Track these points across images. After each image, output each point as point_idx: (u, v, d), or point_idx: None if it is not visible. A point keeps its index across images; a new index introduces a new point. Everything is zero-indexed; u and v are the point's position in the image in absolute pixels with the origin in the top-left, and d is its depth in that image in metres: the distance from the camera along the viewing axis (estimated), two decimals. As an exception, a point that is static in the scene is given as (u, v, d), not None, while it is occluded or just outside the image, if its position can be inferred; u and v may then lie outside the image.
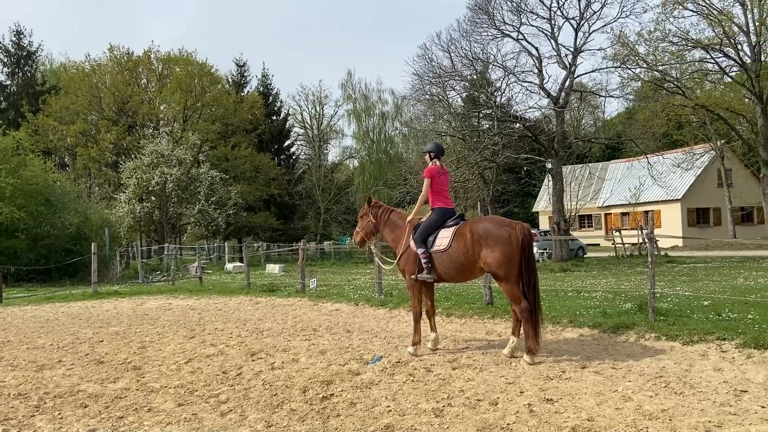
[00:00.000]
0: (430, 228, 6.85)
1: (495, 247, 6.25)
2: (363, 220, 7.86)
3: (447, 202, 7.04)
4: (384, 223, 7.56)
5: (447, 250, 6.60)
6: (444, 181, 7.14)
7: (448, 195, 7.19)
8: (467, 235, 6.48)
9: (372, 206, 7.74)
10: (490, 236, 6.31)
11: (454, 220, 6.86)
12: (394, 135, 62.25)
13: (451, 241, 6.60)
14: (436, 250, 6.70)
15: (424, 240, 6.80)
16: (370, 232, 7.81)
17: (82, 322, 11.00)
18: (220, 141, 41.52)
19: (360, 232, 7.89)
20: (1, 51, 41.99)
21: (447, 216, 6.90)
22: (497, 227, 6.38)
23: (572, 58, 24.96)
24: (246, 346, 7.81)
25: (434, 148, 7.31)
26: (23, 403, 5.43)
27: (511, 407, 4.74)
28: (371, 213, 7.70)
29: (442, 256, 6.65)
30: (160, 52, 42.29)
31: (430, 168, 7.09)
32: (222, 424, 4.66)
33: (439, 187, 7.05)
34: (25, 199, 22.80)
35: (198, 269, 20.44)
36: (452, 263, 6.59)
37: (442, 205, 6.97)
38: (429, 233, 6.82)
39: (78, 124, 38.33)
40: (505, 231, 6.31)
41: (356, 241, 8.03)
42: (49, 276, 22.76)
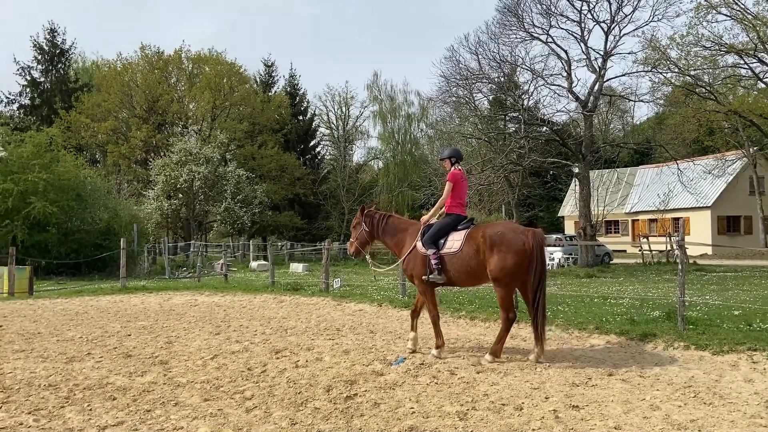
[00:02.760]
0: (441, 231, 6.82)
1: (507, 254, 6.23)
2: (356, 230, 7.70)
3: (462, 210, 7.00)
4: (382, 229, 7.46)
5: (458, 252, 6.58)
6: (464, 188, 7.12)
7: (464, 203, 7.13)
8: (479, 239, 6.45)
9: (366, 215, 7.62)
10: (503, 242, 6.28)
11: (465, 224, 6.86)
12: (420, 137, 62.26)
13: (463, 244, 6.59)
14: (446, 252, 6.68)
15: (435, 242, 6.77)
16: (364, 241, 7.66)
17: (111, 315, 11.20)
18: (247, 140, 41.96)
19: (354, 242, 7.74)
20: (36, 49, 42.86)
21: (459, 221, 6.89)
22: (511, 233, 6.35)
23: (602, 61, 24.68)
24: (270, 344, 7.87)
25: (454, 153, 7.28)
26: (53, 394, 5.55)
27: (536, 413, 4.70)
28: (365, 222, 7.56)
29: (453, 258, 6.62)
30: (191, 52, 42.95)
31: (454, 173, 7.05)
32: (247, 420, 4.70)
33: (459, 194, 7.02)
34: (57, 194, 23.29)
35: (224, 267, 20.66)
36: (463, 266, 6.57)
37: (458, 211, 6.95)
38: (440, 236, 6.79)
39: (109, 122, 39.08)
40: (520, 238, 6.28)
41: (351, 252, 7.89)
42: (79, 270, 23.21)
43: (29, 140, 23.88)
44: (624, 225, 45.99)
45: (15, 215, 22.24)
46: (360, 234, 7.62)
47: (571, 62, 25.03)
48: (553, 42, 25.11)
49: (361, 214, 7.67)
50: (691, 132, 31.86)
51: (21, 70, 42.12)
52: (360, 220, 7.63)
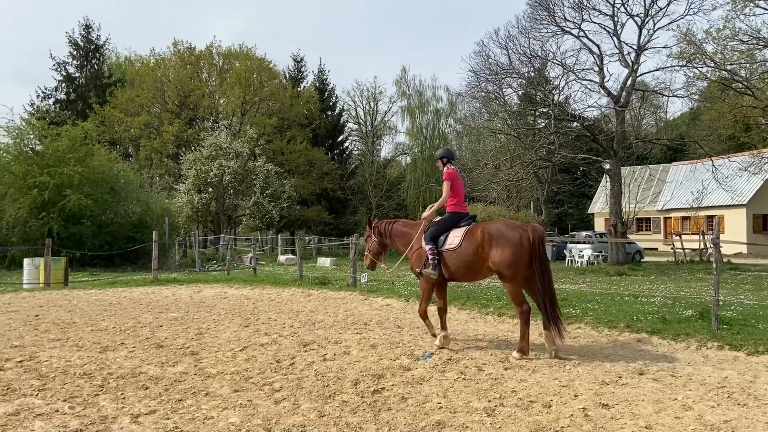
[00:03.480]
0: (442, 228, 7.08)
1: (505, 247, 6.39)
2: (368, 242, 8.09)
3: (462, 207, 7.24)
4: (390, 235, 7.82)
5: (458, 248, 6.79)
6: (460, 185, 7.36)
7: (463, 199, 7.34)
8: (478, 234, 6.65)
9: (374, 227, 8.01)
10: (501, 237, 6.46)
11: (467, 220, 7.09)
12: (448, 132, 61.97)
13: (462, 240, 6.79)
14: (447, 248, 6.90)
15: (434, 238, 7.03)
16: (377, 252, 8.04)
17: (143, 307, 11.42)
18: (276, 135, 42.29)
19: (368, 255, 8.11)
20: (71, 45, 43.80)
21: (460, 218, 7.13)
22: (509, 229, 6.53)
23: (635, 56, 24.20)
24: (299, 337, 7.94)
25: (446, 154, 7.52)
26: (88, 383, 5.69)
27: (565, 410, 4.66)
28: (374, 233, 7.96)
29: (452, 254, 6.85)
30: (221, 47, 43.42)
31: (450, 171, 7.29)
32: (276, 412, 4.76)
33: (457, 191, 7.25)
34: (91, 188, 23.79)
35: (252, 260, 20.89)
36: (462, 261, 6.77)
37: (457, 209, 7.18)
38: (440, 233, 7.05)
39: (142, 117, 39.77)
40: (516, 233, 6.44)
41: (366, 265, 8.27)
42: (112, 262, 23.71)
43: (65, 134, 24.43)
44: (656, 222, 45.12)
45: (51, 208, 22.80)
46: (372, 245, 8.01)
47: (603, 57, 24.62)
48: (585, 36, 24.73)
49: (369, 227, 8.07)
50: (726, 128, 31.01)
51: (57, 65, 43.13)
52: (370, 233, 8.03)
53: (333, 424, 4.45)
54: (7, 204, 23.04)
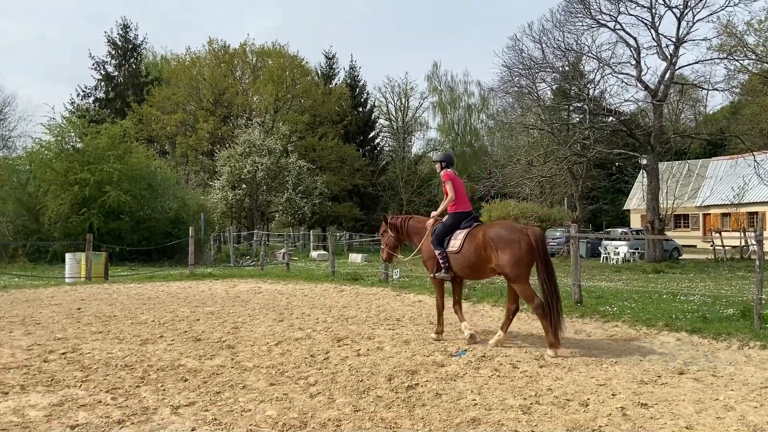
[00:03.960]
0: (445, 231, 7.31)
1: (505, 250, 6.60)
2: (385, 237, 8.39)
3: (463, 206, 7.40)
4: (406, 231, 8.10)
5: (459, 251, 7.07)
6: (461, 185, 7.56)
7: (465, 199, 7.53)
8: (479, 238, 6.89)
9: (390, 222, 8.28)
10: (500, 240, 6.67)
11: (468, 221, 7.27)
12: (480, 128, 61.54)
13: (463, 242, 7.05)
14: (450, 250, 7.18)
15: (441, 242, 7.27)
16: (394, 246, 8.35)
17: (180, 301, 11.66)
18: (308, 132, 42.62)
19: (385, 248, 8.45)
20: (110, 44, 44.84)
21: (462, 218, 7.32)
22: (508, 232, 6.75)
23: (674, 48, 23.60)
24: (332, 332, 8.01)
25: (445, 158, 7.78)
26: (129, 374, 5.83)
27: (602, 409, 4.59)
28: (390, 229, 8.23)
29: (456, 256, 7.12)
30: (255, 45, 43.96)
31: (448, 173, 7.50)
32: (311, 406, 4.81)
33: (457, 191, 7.43)
34: (130, 184, 24.33)
35: (286, 256, 21.11)
36: (465, 263, 7.06)
37: (458, 209, 7.36)
38: (445, 235, 7.28)
39: (178, 114, 40.52)
40: (516, 235, 6.66)
41: (384, 258, 8.65)
42: (150, 257, 24.21)
43: (105, 132, 25.02)
44: (694, 219, 44.00)
45: (91, 204, 23.38)
46: (389, 240, 8.32)
47: (640, 50, 24.07)
48: (622, 29, 24.21)
49: (386, 223, 8.35)
50: (768, 122, 30.13)
51: (96, 64, 44.24)
52: (386, 228, 8.31)
53: (368, 419, 4.48)
54: (50, 200, 23.71)
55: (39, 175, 24.47)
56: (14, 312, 9.98)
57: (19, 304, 11.02)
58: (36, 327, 8.50)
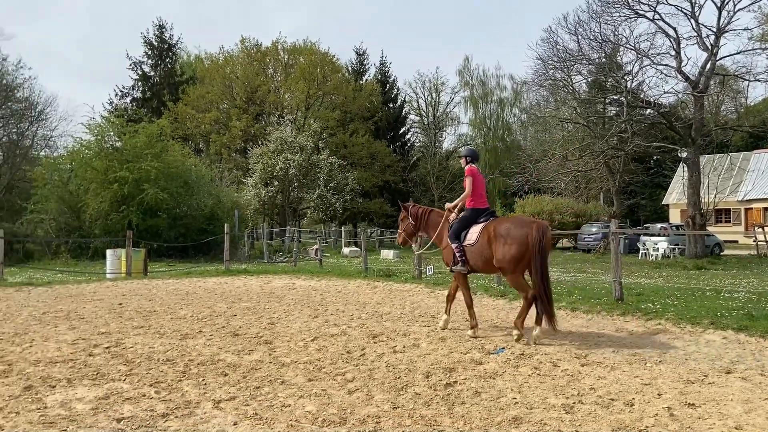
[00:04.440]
0: (462, 225, 7.56)
1: (512, 245, 6.85)
2: (404, 223, 8.54)
3: (481, 203, 7.65)
4: (425, 223, 8.30)
5: (475, 244, 7.32)
6: (482, 181, 7.78)
7: (484, 195, 7.77)
8: (490, 231, 7.15)
9: (410, 211, 8.46)
10: (508, 235, 6.92)
11: (485, 216, 7.52)
12: (512, 122, 60.84)
13: (479, 236, 7.30)
14: (466, 244, 7.43)
15: (458, 236, 7.51)
16: (411, 233, 8.51)
17: (217, 296, 11.82)
18: (339, 128, 42.77)
19: (402, 233, 8.61)
20: (146, 44, 45.71)
21: (479, 214, 7.55)
22: (516, 227, 6.99)
23: (714, 39, 22.91)
24: (367, 329, 8.01)
25: (470, 153, 8.04)
26: (171, 369, 5.93)
27: (648, 409, 4.48)
28: (411, 216, 8.40)
29: (471, 249, 7.38)
30: (287, 43, 44.25)
31: (471, 168, 7.71)
32: (350, 402, 4.81)
33: (478, 187, 7.65)
34: (166, 182, 24.81)
35: (318, 252, 21.23)
36: (479, 256, 7.30)
37: (476, 205, 7.60)
38: (462, 229, 7.53)
39: (212, 113, 41.09)
40: (523, 231, 6.86)
41: (399, 242, 8.83)
42: (186, 253, 24.66)
43: (142, 131, 25.55)
44: (736, 214, 42.73)
45: (130, 201, 23.93)
46: (408, 227, 8.47)
47: (680, 40, 23.42)
48: (661, 19, 23.57)
49: (405, 210, 8.51)
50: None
51: (133, 65, 45.17)
52: (406, 215, 8.48)
53: (407, 416, 4.45)
54: (90, 198, 24.35)
55: (80, 174, 25.15)
56: (59, 307, 10.26)
57: (64, 300, 11.32)
58: (80, 322, 8.71)
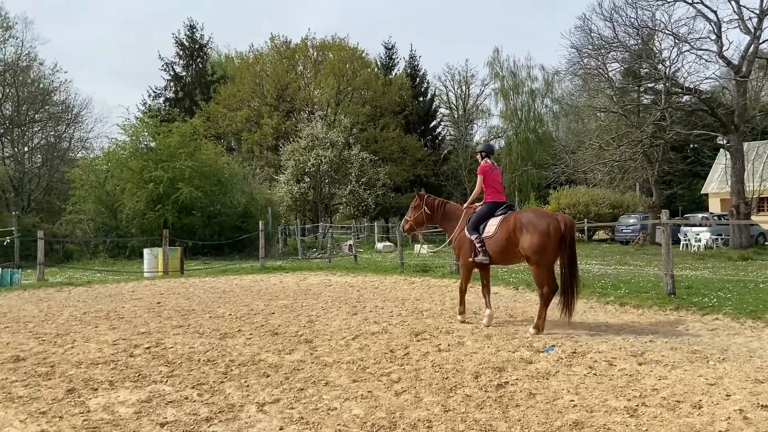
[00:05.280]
0: (480, 218, 7.75)
1: (534, 234, 7.00)
2: (415, 211, 8.66)
3: (498, 196, 7.89)
4: (441, 214, 8.45)
5: (494, 236, 7.49)
6: (496, 176, 8.00)
7: (500, 189, 7.98)
8: (511, 222, 7.30)
9: (426, 200, 8.58)
10: (530, 224, 7.06)
11: (503, 209, 7.72)
12: (544, 113, 59.81)
13: (498, 228, 7.47)
14: (485, 236, 7.60)
15: (476, 228, 7.71)
16: (420, 222, 8.66)
17: (254, 294, 11.77)
18: (370, 123, 42.60)
19: (410, 221, 8.74)
20: (178, 45, 46.20)
21: (496, 207, 7.77)
22: (538, 217, 7.15)
23: (757, 21, 21.99)
24: (408, 326, 7.81)
25: (486, 148, 8.24)
26: (212, 369, 5.82)
27: (718, 412, 4.18)
28: (426, 206, 8.52)
29: (489, 241, 7.57)
30: (316, 40, 44.21)
31: (483, 166, 7.93)
32: (398, 405, 4.62)
33: (492, 182, 7.90)
34: (200, 180, 25.00)
35: (353, 248, 21.12)
36: (498, 247, 7.48)
37: (493, 199, 7.84)
38: (480, 222, 7.72)
39: (244, 111, 41.33)
40: (545, 221, 7.02)
41: (405, 229, 8.97)
42: (221, 250, 24.82)
43: (176, 131, 25.78)
44: (778, 203, 41.21)
45: (165, 200, 24.17)
46: (419, 216, 8.61)
47: (720, 24, 22.55)
48: (700, 2, 22.74)
49: (421, 199, 8.63)
50: None
51: (165, 66, 45.71)
52: (420, 203, 8.59)
53: (460, 420, 4.24)
54: (126, 198, 24.67)
55: (116, 174, 25.50)
56: (98, 306, 10.32)
57: (103, 299, 11.40)
58: (120, 321, 8.72)
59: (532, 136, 57.59)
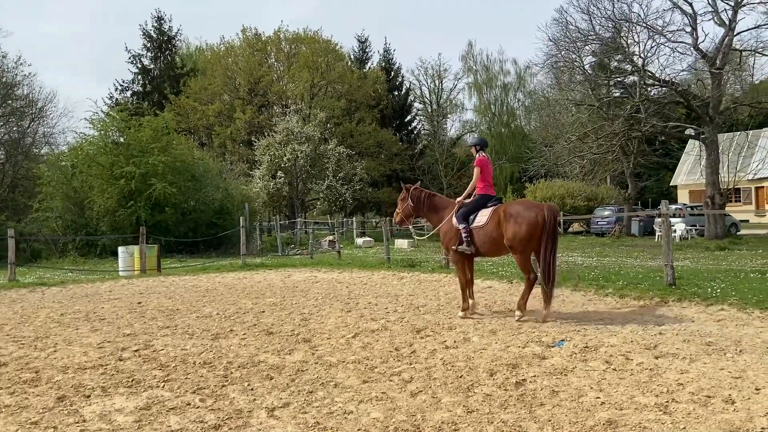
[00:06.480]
0: (472, 209, 7.85)
1: (522, 225, 7.18)
2: (402, 203, 8.69)
3: (489, 190, 7.99)
4: (426, 206, 8.48)
5: (484, 226, 7.60)
6: (489, 171, 8.10)
7: (491, 183, 8.10)
8: (501, 213, 7.45)
9: (411, 192, 8.60)
10: (519, 215, 7.25)
11: (494, 202, 7.87)
12: (517, 107, 60.16)
13: (489, 219, 7.59)
14: (475, 226, 7.70)
15: (466, 218, 7.81)
16: (409, 214, 8.68)
17: (239, 292, 11.41)
18: (345, 117, 42.21)
19: (399, 213, 8.78)
20: (145, 37, 44.98)
21: (487, 200, 7.89)
22: (526, 209, 7.34)
23: (732, 13, 22.30)
24: (408, 323, 7.59)
25: (479, 142, 8.36)
26: (211, 372, 5.51)
27: (753, 407, 4.04)
28: (411, 197, 8.56)
29: (480, 231, 7.66)
30: (288, 32, 43.53)
31: (480, 159, 8.01)
32: (417, 406, 4.39)
33: (485, 176, 8.00)
34: (174, 176, 24.27)
35: (336, 243, 20.83)
36: (487, 238, 7.59)
37: (485, 192, 7.94)
38: (470, 213, 7.82)
39: (216, 105, 40.48)
40: (532, 212, 7.22)
41: (396, 221, 9.01)
42: (197, 248, 24.20)
43: (147, 124, 25.00)
44: (746, 193, 42.19)
45: (138, 197, 23.43)
46: (406, 207, 8.65)
47: (696, 16, 22.80)
48: (676, -7, 22.94)
49: (407, 191, 8.65)
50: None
51: (132, 58, 44.48)
52: (407, 196, 8.62)
53: (487, 422, 4.03)
54: (96, 194, 23.83)
55: (84, 170, 24.62)
56: (76, 308, 9.86)
57: (79, 299, 10.92)
58: (101, 323, 8.31)
59: (506, 131, 57.90)
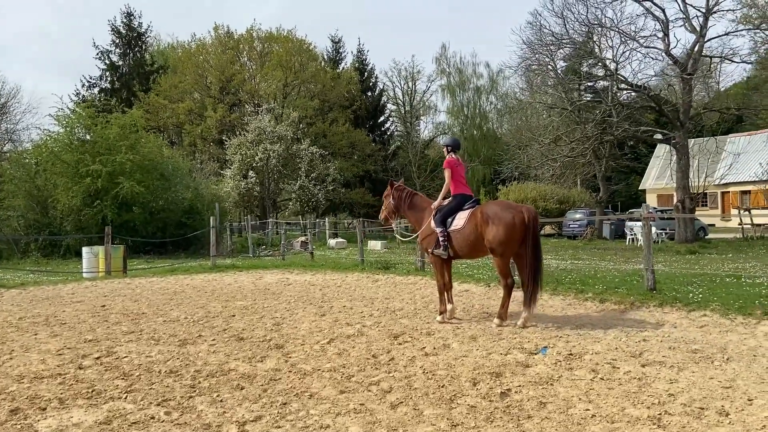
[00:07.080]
0: (449, 211, 7.67)
1: (499, 227, 7.01)
2: (386, 201, 8.58)
3: (465, 190, 7.81)
4: (407, 205, 8.33)
5: (462, 229, 7.44)
6: (461, 171, 7.94)
7: (465, 183, 7.93)
8: (478, 216, 7.28)
9: (395, 189, 8.48)
10: (496, 217, 7.07)
11: (471, 204, 7.66)
12: (489, 110, 60.40)
13: (466, 222, 7.42)
14: (453, 229, 7.53)
15: (444, 221, 7.63)
16: (391, 211, 8.53)
17: (208, 295, 11.01)
18: (318, 117, 41.77)
19: (384, 210, 8.66)
20: (114, 33, 43.91)
21: (465, 201, 7.69)
22: (504, 210, 7.15)
23: (703, 20, 22.62)
24: (385, 328, 7.34)
25: (452, 142, 8.17)
26: (177, 382, 5.17)
27: (749, 420, 3.89)
28: (393, 195, 8.44)
29: (457, 234, 7.50)
30: (261, 31, 42.90)
31: (449, 160, 7.85)
32: (398, 419, 4.14)
33: (458, 177, 7.83)
34: (142, 175, 23.61)
35: (310, 245, 20.49)
36: (465, 240, 7.42)
37: (461, 191, 7.77)
38: (448, 216, 7.64)
39: (186, 103, 39.64)
40: (510, 213, 7.05)
41: (381, 219, 8.88)
42: (165, 248, 23.57)
43: (115, 122, 24.28)
44: (713, 197, 43.05)
45: (104, 195, 22.72)
46: (389, 205, 8.53)
47: (668, 22, 23.07)
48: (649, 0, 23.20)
49: (391, 188, 8.54)
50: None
51: (100, 54, 43.36)
52: (390, 193, 8.50)
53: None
54: (60, 193, 23.05)
55: (48, 168, 23.79)
56: (35, 311, 9.36)
57: (40, 302, 10.40)
58: (62, 328, 7.87)
59: (478, 133, 58.08)
